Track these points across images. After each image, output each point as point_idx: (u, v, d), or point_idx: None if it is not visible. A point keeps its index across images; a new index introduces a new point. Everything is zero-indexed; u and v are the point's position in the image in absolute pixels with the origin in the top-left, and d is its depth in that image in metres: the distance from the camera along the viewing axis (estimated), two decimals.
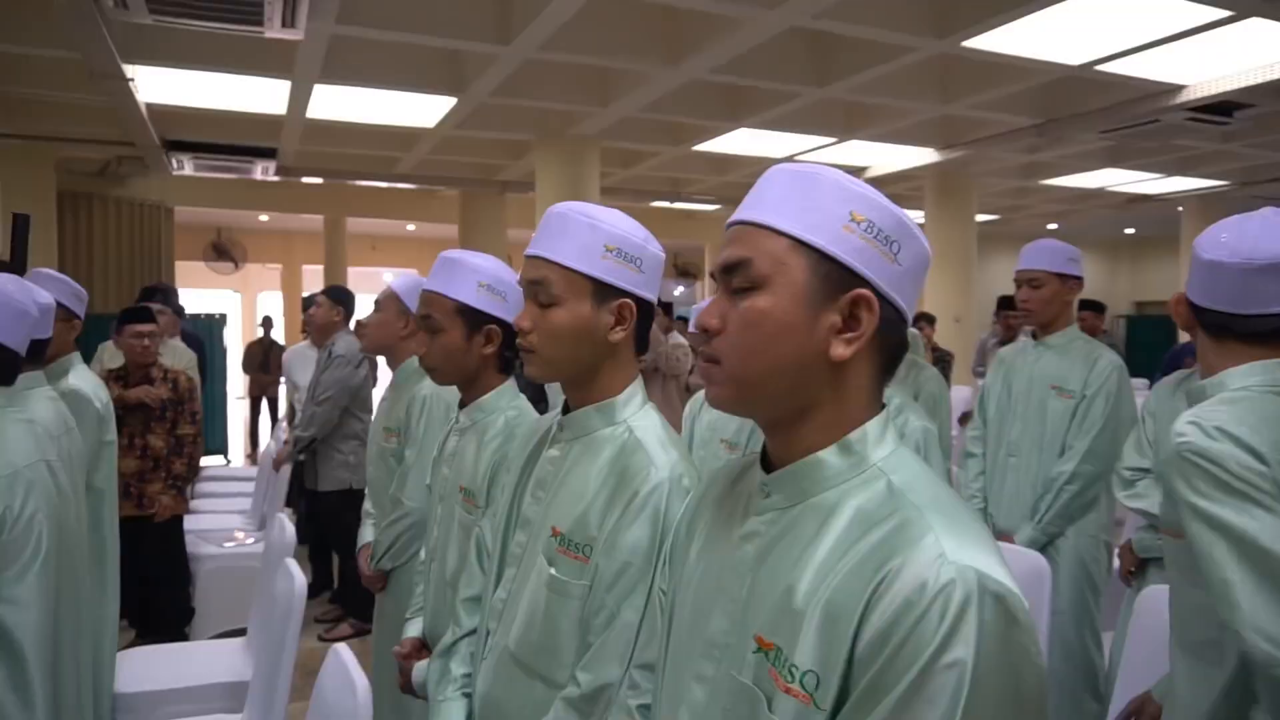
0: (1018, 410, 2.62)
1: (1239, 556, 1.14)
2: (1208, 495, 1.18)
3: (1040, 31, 4.64)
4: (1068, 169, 8.82)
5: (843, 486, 0.78)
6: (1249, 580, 1.13)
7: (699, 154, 7.92)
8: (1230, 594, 1.14)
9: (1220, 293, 1.32)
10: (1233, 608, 1.13)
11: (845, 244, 0.77)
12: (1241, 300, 1.29)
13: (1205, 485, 1.18)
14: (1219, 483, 1.17)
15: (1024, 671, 0.66)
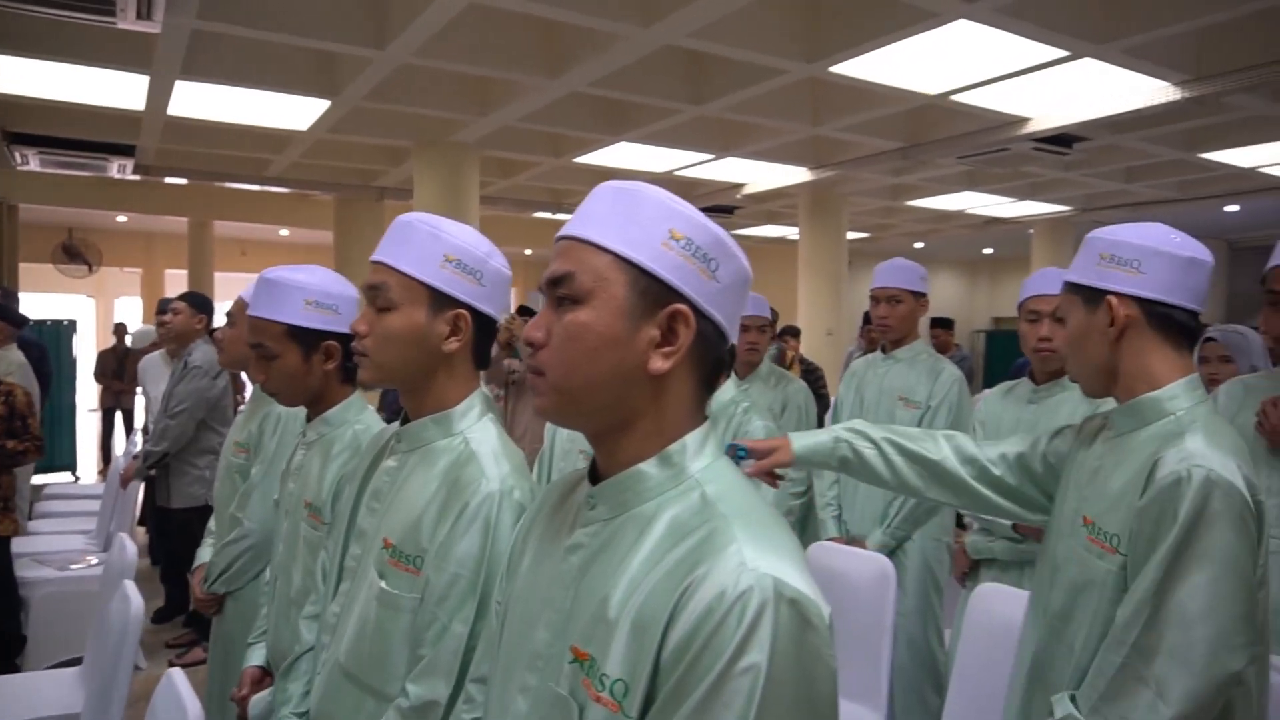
0: (868, 417, 2.75)
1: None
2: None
3: (902, 61, 4.90)
4: (930, 191, 9.32)
5: (662, 497, 0.81)
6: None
7: (580, 166, 7.96)
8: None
9: (1195, 291, 1.32)
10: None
11: (664, 260, 0.80)
12: (1202, 300, 1.32)
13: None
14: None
15: (817, 673, 0.70)
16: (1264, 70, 4.75)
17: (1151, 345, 1.32)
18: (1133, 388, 1.34)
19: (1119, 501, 1.29)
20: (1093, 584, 1.30)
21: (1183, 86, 5.09)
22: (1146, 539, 1.22)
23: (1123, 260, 1.31)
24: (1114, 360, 1.34)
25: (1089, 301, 1.35)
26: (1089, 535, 1.33)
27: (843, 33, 4.70)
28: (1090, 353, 1.36)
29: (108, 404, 9.20)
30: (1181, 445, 1.23)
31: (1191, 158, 7.30)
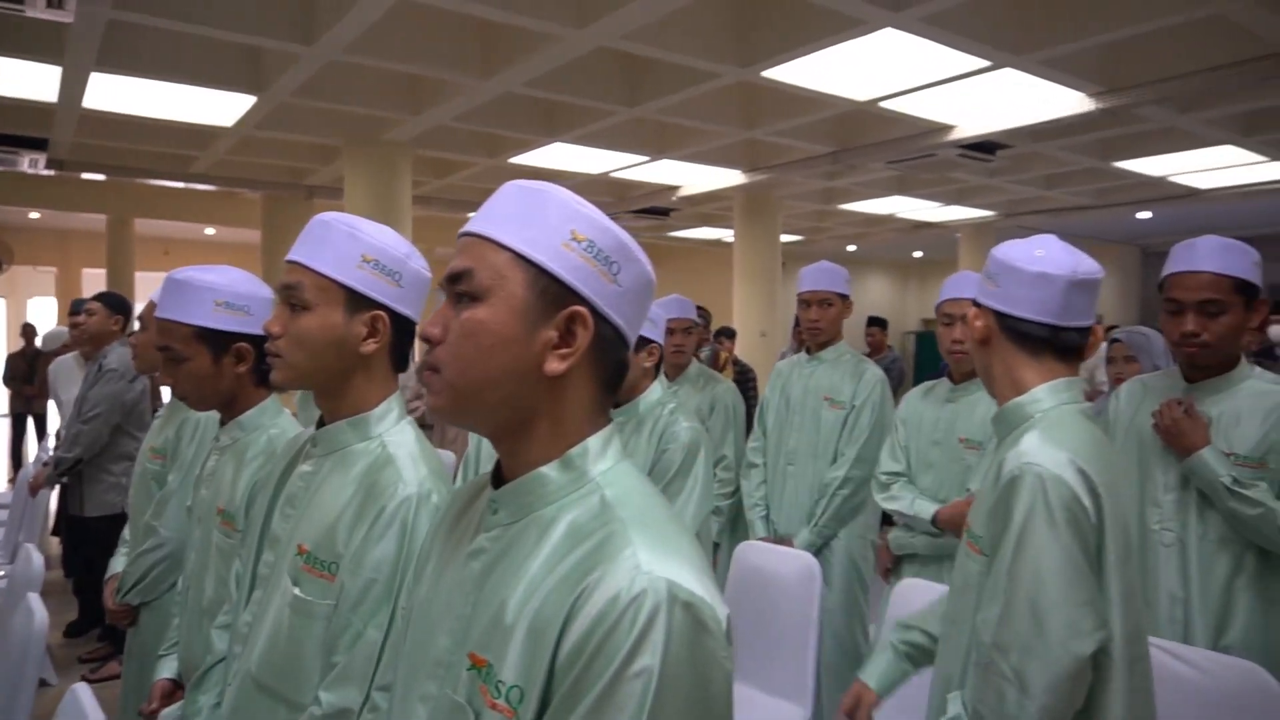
0: (794, 421, 2.80)
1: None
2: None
3: (832, 68, 4.98)
4: (861, 195, 9.50)
5: (563, 501, 0.80)
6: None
7: (516, 166, 7.91)
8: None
9: (1046, 304, 1.36)
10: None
11: (564, 261, 0.80)
12: (1063, 312, 1.36)
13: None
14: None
15: (711, 675, 0.70)
16: (1171, 84, 4.97)
17: (1011, 353, 1.39)
18: (1004, 394, 1.41)
19: (982, 504, 1.36)
20: (969, 586, 1.36)
21: (1096, 98, 5.30)
22: (995, 538, 1.28)
23: (990, 275, 1.40)
24: (986, 364, 1.43)
25: (981, 310, 1.43)
26: (968, 540, 1.40)
27: (774, 38, 4.76)
28: (974, 359, 1.45)
29: (17, 409, 8.81)
30: (1020, 445, 1.29)
31: (1106, 166, 7.59)
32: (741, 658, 2.54)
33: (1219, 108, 5.96)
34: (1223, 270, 1.84)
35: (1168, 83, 4.98)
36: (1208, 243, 1.88)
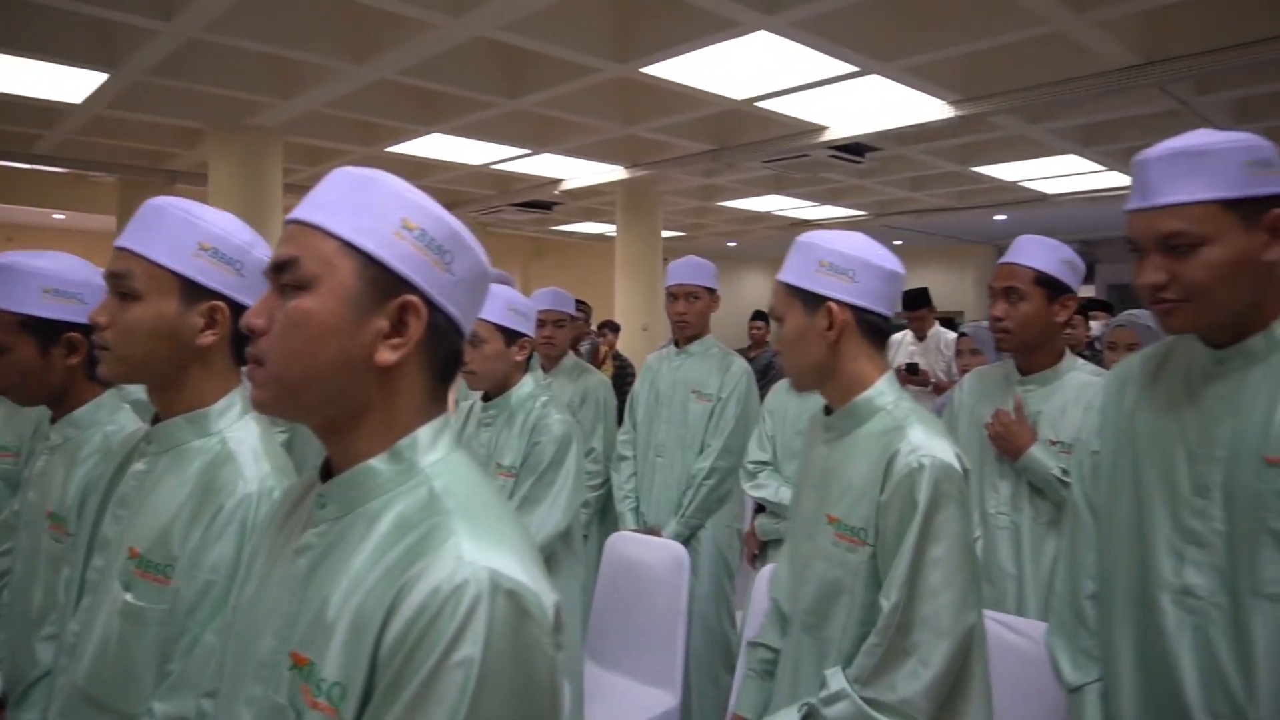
0: (663, 414, 2.86)
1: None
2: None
3: (709, 66, 5.08)
4: (740, 193, 9.72)
5: (391, 494, 0.79)
6: None
7: (393, 156, 7.71)
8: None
9: (890, 299, 1.47)
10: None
11: (395, 250, 0.79)
12: (893, 305, 1.49)
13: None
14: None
15: (535, 663, 0.71)
16: (1022, 94, 5.31)
17: (859, 347, 1.45)
18: (849, 389, 1.45)
19: (861, 496, 1.39)
20: (843, 579, 1.40)
21: (955, 105, 5.60)
22: (894, 527, 1.34)
23: (840, 269, 1.43)
24: (831, 360, 1.45)
25: (809, 304, 1.43)
26: (836, 533, 1.42)
27: (651, 35, 4.82)
28: (808, 352, 1.44)
29: None
30: (908, 439, 1.36)
31: (965, 170, 8.03)
32: (612, 647, 2.58)
33: (1062, 119, 6.41)
34: (1024, 262, 2.02)
35: (1017, 94, 5.32)
36: (1022, 239, 2.06)
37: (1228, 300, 1.20)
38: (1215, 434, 1.23)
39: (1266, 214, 1.18)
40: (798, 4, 4.13)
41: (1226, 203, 1.17)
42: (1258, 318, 1.23)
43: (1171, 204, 1.19)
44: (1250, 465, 1.18)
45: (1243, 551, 1.19)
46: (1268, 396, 1.19)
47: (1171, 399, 1.30)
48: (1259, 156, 1.18)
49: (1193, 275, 1.19)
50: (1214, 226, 1.17)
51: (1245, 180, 1.17)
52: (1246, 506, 1.18)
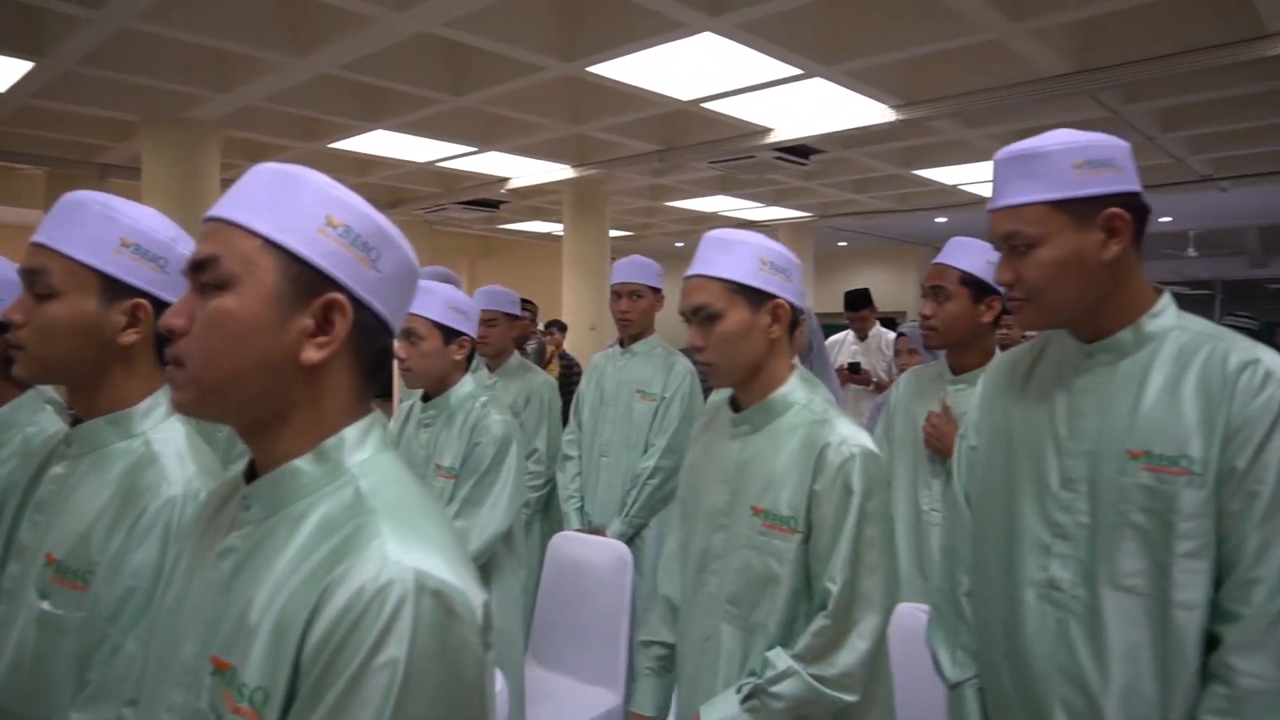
0: (608, 413, 2.86)
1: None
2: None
3: (655, 67, 5.10)
4: (688, 193, 9.77)
5: (317, 494, 0.78)
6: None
7: (337, 152, 7.58)
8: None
9: (803, 296, 1.55)
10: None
11: (318, 247, 0.78)
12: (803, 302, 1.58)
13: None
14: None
15: (463, 663, 0.71)
16: (961, 100, 5.43)
17: (785, 345, 1.51)
18: (766, 385, 1.51)
19: (788, 487, 1.45)
20: (773, 566, 1.45)
21: (896, 109, 5.71)
22: (832, 514, 1.40)
23: (779, 269, 1.47)
24: (762, 358, 1.49)
25: (753, 302, 1.46)
26: (764, 523, 1.47)
27: (598, 35, 4.81)
28: (749, 349, 1.47)
29: None
30: (836, 431, 1.44)
31: (907, 173, 8.18)
32: (555, 647, 2.57)
33: (1000, 124, 6.57)
34: (952, 263, 2.09)
35: (956, 99, 5.44)
36: (954, 240, 2.12)
37: (1065, 299, 1.22)
38: (1082, 427, 1.24)
39: (1100, 213, 1.20)
40: (743, 6, 4.16)
41: (1055, 204, 1.20)
42: (1125, 312, 1.24)
43: (1008, 206, 1.23)
44: (1114, 458, 1.19)
45: (1103, 545, 1.20)
46: (1134, 390, 1.20)
47: (1043, 393, 1.31)
48: (1091, 157, 1.20)
49: (1029, 275, 1.22)
50: (1045, 227, 1.20)
51: (1073, 181, 1.19)
52: (1109, 499, 1.20)
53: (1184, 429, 1.15)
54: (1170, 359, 1.20)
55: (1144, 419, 1.18)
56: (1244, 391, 1.13)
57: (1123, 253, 1.21)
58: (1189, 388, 1.17)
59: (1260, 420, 1.11)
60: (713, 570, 1.53)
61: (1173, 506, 1.15)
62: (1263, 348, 1.17)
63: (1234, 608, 1.12)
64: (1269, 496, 1.10)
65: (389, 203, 10.37)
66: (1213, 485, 1.14)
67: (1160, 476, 1.16)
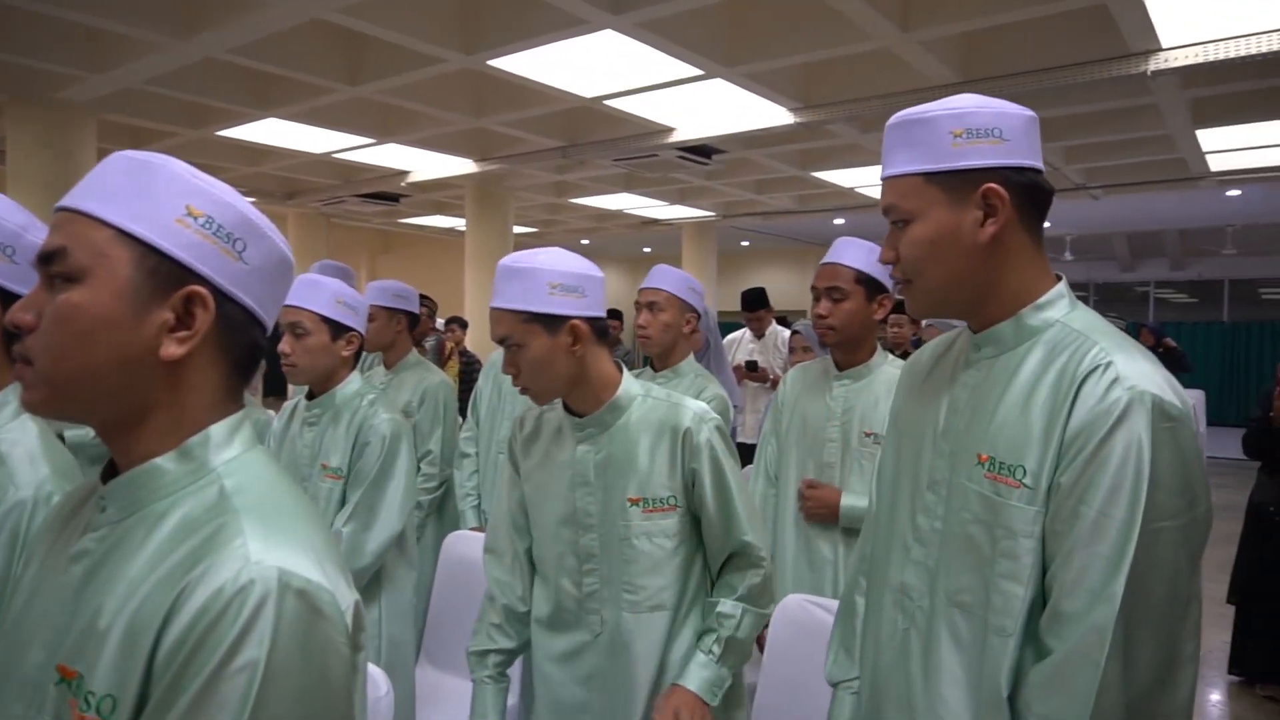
0: (505, 410, 2.83)
1: None
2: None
3: (557, 63, 5.08)
4: (592, 191, 9.78)
5: (178, 494, 0.76)
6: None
7: (225, 140, 7.28)
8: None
9: (604, 304, 1.59)
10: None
11: (177, 238, 0.75)
12: (604, 307, 1.62)
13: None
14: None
15: (328, 663, 0.70)
16: (856, 105, 5.60)
17: (598, 352, 1.57)
18: (601, 390, 1.58)
19: (656, 468, 1.58)
20: (665, 545, 1.59)
21: (795, 112, 5.84)
22: (716, 484, 1.58)
23: (570, 288, 1.50)
24: (579, 371, 1.54)
25: (549, 327, 1.49)
26: (646, 509, 1.59)
27: (498, 28, 4.76)
28: (558, 371, 1.52)
29: None
30: (689, 410, 1.59)
31: (806, 175, 8.39)
32: (450, 649, 2.53)
33: None
34: (846, 263, 2.14)
35: (851, 104, 5.61)
36: (841, 241, 2.18)
37: (940, 282, 1.10)
38: (954, 426, 1.14)
39: (978, 189, 1.06)
40: (644, 5, 4.19)
41: (929, 176, 1.07)
42: (1010, 302, 1.11)
43: (887, 177, 1.12)
44: (966, 462, 1.10)
45: (946, 554, 1.11)
46: (1000, 389, 1.09)
47: (935, 387, 1.22)
48: (971, 125, 1.06)
49: (905, 253, 1.11)
50: (918, 202, 1.08)
51: (948, 152, 1.06)
52: (957, 505, 1.10)
53: (1026, 436, 1.03)
54: (1039, 358, 1.06)
55: (996, 422, 1.07)
56: (1086, 397, 0.99)
57: (1005, 234, 1.07)
58: (1043, 390, 1.04)
59: (1094, 431, 0.97)
60: (587, 570, 1.58)
61: (1003, 520, 1.03)
62: (1126, 352, 1.02)
63: (1047, 640, 0.99)
64: (1092, 519, 0.96)
65: (284, 194, 10.01)
66: (1043, 501, 1.01)
67: (997, 486, 1.05)
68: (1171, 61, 4.64)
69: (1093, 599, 0.95)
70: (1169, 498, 0.95)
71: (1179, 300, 16.28)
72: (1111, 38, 4.55)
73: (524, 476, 1.68)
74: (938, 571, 1.12)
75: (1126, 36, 4.47)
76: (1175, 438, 0.96)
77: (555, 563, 1.62)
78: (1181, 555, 0.96)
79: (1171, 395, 0.98)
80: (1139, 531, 0.93)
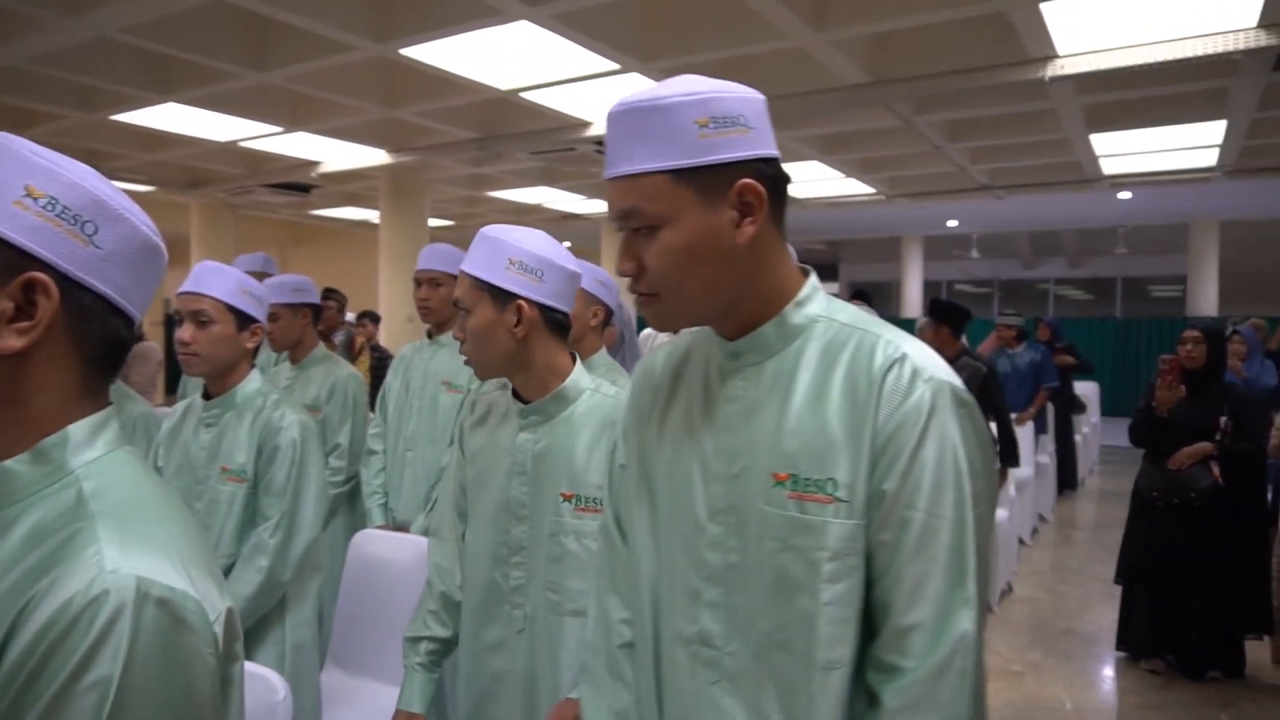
0: (413, 406, 2.78)
1: None
2: None
3: (473, 53, 5.00)
4: (510, 184, 9.68)
5: (31, 499, 0.71)
6: None
7: (120, 125, 6.93)
8: None
9: (566, 297, 1.56)
10: None
11: (14, 221, 0.70)
12: (571, 302, 1.58)
13: None
14: None
15: (192, 675, 0.66)
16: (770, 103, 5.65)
17: (548, 342, 1.53)
18: (547, 379, 1.55)
19: (592, 465, 1.52)
20: (581, 548, 1.52)
21: None
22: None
23: (529, 269, 1.49)
24: (520, 355, 1.52)
25: (498, 300, 1.48)
26: (578, 507, 1.53)
27: (411, 16, 4.66)
28: (495, 346, 1.50)
29: None
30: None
31: None
32: (358, 651, 2.47)
33: (806, 128, 6.94)
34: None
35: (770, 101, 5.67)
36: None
37: (697, 292, 0.96)
38: (729, 445, 0.99)
39: (732, 186, 0.93)
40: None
41: (677, 174, 0.92)
42: (769, 302, 0.99)
43: (623, 175, 0.93)
44: (759, 483, 0.96)
45: (754, 591, 0.96)
46: (780, 397, 0.96)
47: (689, 404, 1.05)
48: (716, 112, 0.92)
49: (653, 264, 0.95)
50: (668, 205, 0.92)
51: (696, 145, 0.91)
52: (756, 534, 0.95)
53: (829, 445, 0.92)
54: (817, 357, 0.96)
55: (789, 434, 0.94)
56: (891, 395, 0.91)
57: (761, 232, 0.95)
58: (836, 391, 0.94)
59: (909, 430, 0.90)
60: (515, 563, 1.54)
61: (820, 542, 0.91)
62: (910, 340, 0.96)
63: (892, 659, 0.90)
64: (921, 523, 0.89)
65: (186, 184, 9.61)
66: (861, 513, 0.91)
67: (804, 505, 0.92)
68: (1067, 68, 4.84)
69: (941, 606, 0.88)
70: (981, 483, 0.92)
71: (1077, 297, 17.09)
72: (1012, 44, 4.73)
73: (468, 459, 1.65)
74: (743, 612, 0.97)
75: (1025, 43, 4.66)
76: (973, 422, 0.93)
77: (488, 551, 1.57)
78: (989, 526, 0.94)
79: (957, 380, 0.94)
80: (971, 524, 0.90)
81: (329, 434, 2.97)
